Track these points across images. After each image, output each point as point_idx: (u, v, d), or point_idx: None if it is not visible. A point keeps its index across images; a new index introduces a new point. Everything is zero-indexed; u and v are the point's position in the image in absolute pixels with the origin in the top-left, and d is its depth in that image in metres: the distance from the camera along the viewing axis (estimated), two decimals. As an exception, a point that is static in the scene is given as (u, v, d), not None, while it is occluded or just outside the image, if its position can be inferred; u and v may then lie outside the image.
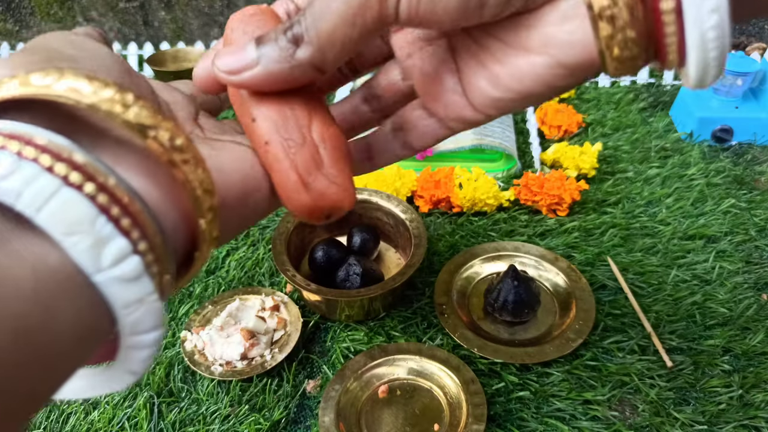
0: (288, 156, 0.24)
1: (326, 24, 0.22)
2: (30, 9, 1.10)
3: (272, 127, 0.24)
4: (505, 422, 0.45)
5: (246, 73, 0.23)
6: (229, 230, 0.24)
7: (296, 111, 0.25)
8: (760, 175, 0.70)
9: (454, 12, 0.21)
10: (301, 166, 0.24)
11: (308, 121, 0.25)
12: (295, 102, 0.25)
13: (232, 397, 0.47)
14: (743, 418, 0.44)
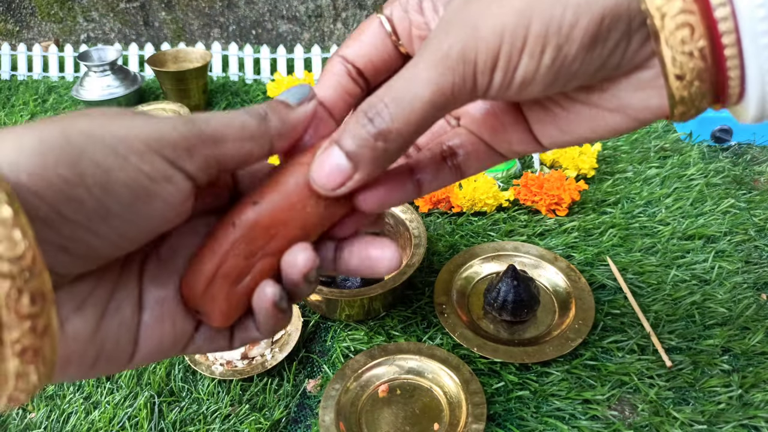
0: (229, 252, 0.25)
1: (414, 115, 0.23)
2: (30, 9, 1.11)
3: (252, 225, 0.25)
4: (505, 421, 0.45)
5: (349, 183, 0.24)
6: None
7: (276, 240, 0.25)
8: (759, 175, 0.70)
9: (541, 88, 0.23)
10: (226, 267, 0.25)
11: (273, 251, 0.25)
12: (279, 227, 0.25)
13: (233, 397, 0.48)
14: (742, 418, 0.44)
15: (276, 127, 0.26)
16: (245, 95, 0.95)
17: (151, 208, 0.22)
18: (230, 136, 0.24)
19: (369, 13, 1.03)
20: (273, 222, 0.25)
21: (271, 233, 0.25)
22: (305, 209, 0.25)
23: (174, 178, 0.22)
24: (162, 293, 0.26)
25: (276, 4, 1.04)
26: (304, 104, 0.27)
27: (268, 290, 0.25)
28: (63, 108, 0.94)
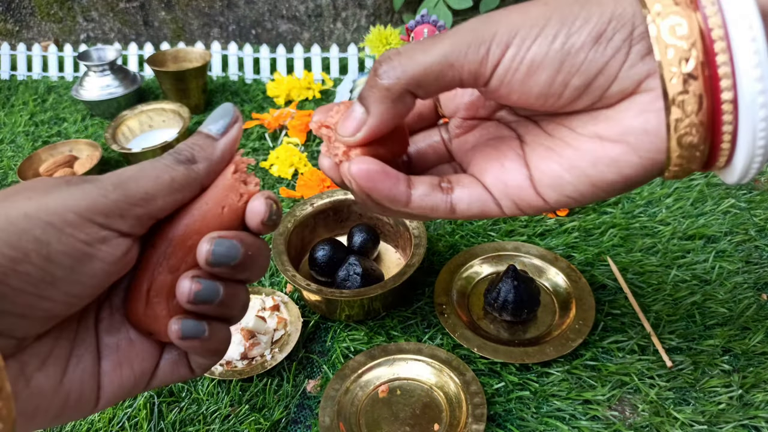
0: (153, 271, 0.26)
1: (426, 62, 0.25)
2: (30, 9, 1.10)
3: (168, 241, 0.26)
4: (505, 422, 0.45)
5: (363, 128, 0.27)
6: None
7: (194, 251, 0.26)
8: (759, 175, 0.70)
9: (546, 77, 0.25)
10: (156, 286, 0.26)
11: (196, 261, 0.26)
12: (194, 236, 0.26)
13: (233, 397, 0.47)
14: (743, 418, 0.44)
15: (204, 168, 0.27)
16: (245, 95, 0.95)
17: (93, 268, 0.24)
18: (161, 192, 0.25)
19: (369, 13, 1.02)
20: (187, 233, 0.26)
21: (189, 245, 0.26)
22: (215, 217, 0.27)
23: (109, 240, 0.24)
24: (117, 340, 0.27)
25: (276, 4, 1.04)
26: (228, 132, 0.28)
27: (184, 284, 0.26)
28: (62, 108, 0.94)
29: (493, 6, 0.90)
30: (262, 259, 0.28)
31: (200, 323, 0.26)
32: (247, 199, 0.27)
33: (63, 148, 0.78)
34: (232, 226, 0.27)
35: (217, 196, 0.27)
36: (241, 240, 0.26)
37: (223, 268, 0.26)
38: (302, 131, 0.80)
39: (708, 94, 0.23)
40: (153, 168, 0.26)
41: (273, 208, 0.27)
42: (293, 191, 0.70)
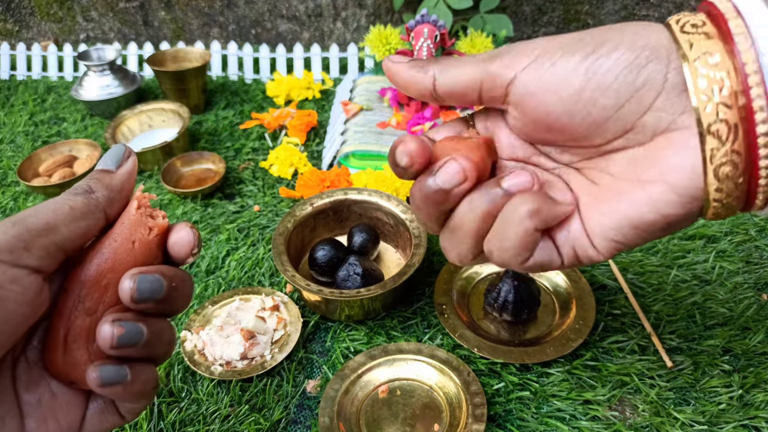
0: (70, 316, 0.26)
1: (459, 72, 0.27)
2: (30, 9, 1.10)
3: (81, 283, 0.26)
4: (505, 422, 0.45)
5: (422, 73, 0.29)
6: None
7: (111, 288, 0.26)
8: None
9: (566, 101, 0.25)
10: (73, 331, 0.26)
11: (114, 300, 0.26)
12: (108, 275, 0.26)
13: (232, 397, 0.47)
14: (743, 418, 0.44)
15: (104, 195, 0.27)
16: (245, 95, 0.95)
17: (6, 312, 0.23)
18: (62, 221, 0.25)
19: (369, 13, 1.02)
20: (100, 273, 0.26)
21: (104, 284, 0.26)
22: (126, 252, 0.26)
23: (20, 278, 0.23)
24: (38, 396, 0.26)
25: (275, 4, 1.04)
26: (123, 165, 0.28)
27: (105, 329, 0.25)
28: (62, 107, 0.94)
29: (493, 6, 0.90)
30: (187, 290, 0.28)
31: (121, 367, 0.25)
32: (158, 233, 0.27)
33: (63, 148, 0.78)
34: (146, 261, 0.27)
35: (124, 232, 0.26)
36: (163, 273, 0.26)
37: (149, 303, 0.25)
38: (302, 131, 0.80)
39: (743, 123, 0.23)
40: (50, 202, 0.26)
41: (198, 237, 0.28)
42: (293, 191, 0.70)
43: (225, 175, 0.73)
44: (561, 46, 0.25)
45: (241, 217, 0.68)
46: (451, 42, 0.72)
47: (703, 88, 0.23)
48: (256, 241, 0.64)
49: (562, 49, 0.25)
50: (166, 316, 0.28)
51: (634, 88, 0.24)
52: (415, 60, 0.29)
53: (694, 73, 0.23)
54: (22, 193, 0.74)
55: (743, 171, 0.23)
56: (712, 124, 0.23)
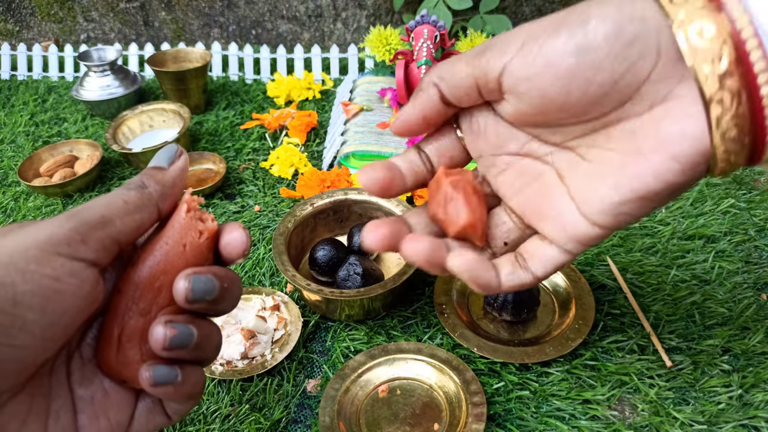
0: (124, 316, 0.26)
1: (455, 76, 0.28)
2: (30, 9, 1.11)
3: (135, 285, 0.26)
4: (505, 422, 0.45)
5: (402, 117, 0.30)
6: None
7: (164, 290, 0.26)
8: (759, 175, 0.70)
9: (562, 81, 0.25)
10: (128, 331, 0.26)
11: (166, 301, 0.26)
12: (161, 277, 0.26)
13: (233, 397, 0.47)
14: (743, 418, 0.44)
15: (157, 190, 0.27)
16: (245, 95, 0.95)
17: (64, 304, 0.23)
18: (116, 214, 0.25)
19: (369, 13, 1.03)
20: (153, 275, 0.26)
21: (157, 286, 0.26)
22: (178, 255, 0.27)
23: (78, 271, 0.23)
24: (91, 392, 0.27)
25: (276, 4, 1.04)
26: (175, 162, 0.29)
27: (158, 330, 0.25)
28: (63, 108, 0.94)
29: (492, 6, 0.90)
30: (236, 291, 0.28)
31: (173, 368, 0.26)
32: (209, 236, 0.27)
33: (63, 148, 0.78)
34: (197, 263, 0.27)
35: (175, 235, 0.27)
36: (215, 274, 0.26)
37: (202, 303, 0.26)
38: (302, 131, 0.80)
39: (746, 88, 0.23)
40: (104, 197, 0.26)
41: (250, 237, 0.28)
42: (293, 191, 0.70)
43: (225, 175, 0.73)
44: (545, 29, 0.25)
45: (242, 217, 0.68)
46: (451, 42, 0.72)
47: (701, 59, 0.23)
48: (257, 241, 0.64)
49: (547, 32, 0.25)
50: (215, 316, 0.28)
51: (629, 62, 0.24)
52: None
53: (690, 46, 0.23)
54: (22, 193, 0.75)
55: (749, 131, 0.23)
56: (715, 93, 0.23)
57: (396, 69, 0.71)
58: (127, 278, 0.26)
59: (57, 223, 0.24)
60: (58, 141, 0.83)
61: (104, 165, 0.78)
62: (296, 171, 0.74)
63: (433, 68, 0.29)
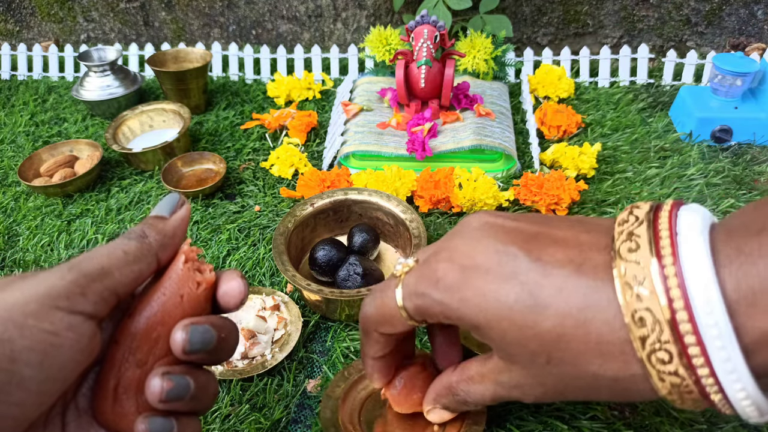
0: (120, 367, 0.26)
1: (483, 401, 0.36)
2: (31, 9, 1.11)
3: (132, 336, 0.26)
4: (505, 422, 0.45)
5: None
6: None
7: (161, 341, 0.26)
8: (759, 175, 0.70)
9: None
10: (124, 382, 0.26)
11: (163, 352, 0.26)
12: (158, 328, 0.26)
13: (233, 397, 0.48)
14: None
15: (157, 240, 0.27)
16: (245, 95, 0.95)
17: (62, 359, 0.23)
18: (116, 265, 0.25)
19: (369, 13, 1.03)
20: (150, 326, 0.26)
21: (154, 337, 0.26)
22: (175, 306, 0.26)
23: (76, 325, 0.23)
24: None
25: (276, 4, 1.04)
26: (177, 212, 0.29)
27: (155, 382, 0.25)
28: (63, 108, 0.94)
29: (492, 6, 0.90)
30: (233, 340, 0.28)
31: (169, 420, 0.26)
32: (207, 286, 0.27)
33: (63, 148, 0.78)
34: (194, 314, 0.27)
35: (173, 286, 0.27)
36: (213, 324, 0.26)
37: (200, 354, 0.26)
38: (302, 131, 0.81)
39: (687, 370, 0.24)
40: (104, 247, 0.26)
41: (247, 286, 0.28)
42: (293, 191, 0.70)
43: (226, 176, 0.73)
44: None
45: (242, 217, 0.68)
46: (451, 43, 0.72)
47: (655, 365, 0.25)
48: (257, 241, 0.64)
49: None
50: (212, 365, 0.29)
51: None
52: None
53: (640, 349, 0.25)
54: (22, 193, 0.75)
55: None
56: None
57: (396, 69, 0.71)
58: (124, 329, 0.26)
59: (58, 275, 0.24)
60: (58, 141, 0.83)
61: (104, 165, 0.78)
62: (296, 171, 0.74)
63: None
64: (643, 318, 0.24)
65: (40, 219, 0.70)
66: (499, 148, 0.70)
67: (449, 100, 0.74)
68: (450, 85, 0.72)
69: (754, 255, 0.23)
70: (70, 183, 0.72)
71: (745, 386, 0.23)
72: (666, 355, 0.24)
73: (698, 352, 0.23)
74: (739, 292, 0.23)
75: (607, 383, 0.26)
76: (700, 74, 0.91)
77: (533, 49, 0.97)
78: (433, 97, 0.75)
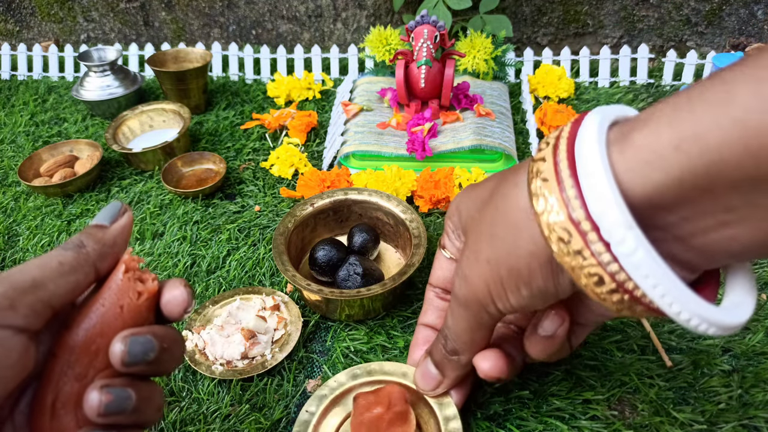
0: (58, 381, 0.25)
1: (466, 337, 0.34)
2: (31, 9, 1.11)
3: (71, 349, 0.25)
4: (505, 421, 0.45)
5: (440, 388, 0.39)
6: None
7: (101, 353, 0.26)
8: (759, 175, 0.70)
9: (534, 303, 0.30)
10: (62, 397, 0.25)
11: (104, 365, 0.26)
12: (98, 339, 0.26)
13: (233, 397, 0.48)
14: (743, 418, 0.44)
15: (96, 250, 0.27)
16: (245, 95, 0.95)
17: None
18: (50, 276, 0.25)
19: (369, 13, 1.03)
20: (89, 338, 0.25)
21: (93, 349, 0.25)
22: (115, 317, 0.26)
23: (4, 339, 0.23)
24: None
25: (276, 4, 1.04)
26: (118, 220, 0.28)
27: (92, 396, 0.24)
28: (63, 108, 0.94)
29: (492, 6, 0.90)
30: (178, 350, 0.27)
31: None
32: (148, 296, 0.27)
33: (63, 148, 0.78)
34: (135, 324, 0.26)
35: (112, 297, 0.26)
36: (154, 334, 0.26)
37: (140, 366, 0.25)
38: (302, 131, 0.80)
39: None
40: (38, 258, 0.25)
41: (192, 294, 0.27)
42: (293, 191, 0.70)
43: (226, 175, 0.73)
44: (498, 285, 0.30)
45: (242, 217, 0.68)
46: (451, 43, 0.72)
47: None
48: (257, 241, 0.64)
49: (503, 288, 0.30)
50: (157, 376, 0.27)
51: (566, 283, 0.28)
52: None
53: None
54: (22, 193, 0.75)
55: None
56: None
57: (396, 69, 0.71)
58: (62, 342, 0.26)
59: None
60: (58, 141, 0.83)
61: (104, 165, 0.78)
62: (296, 171, 0.74)
63: None
64: (551, 224, 0.25)
65: (40, 219, 0.70)
66: (499, 148, 0.70)
67: (449, 100, 0.74)
68: (450, 85, 0.72)
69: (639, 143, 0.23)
70: (70, 183, 0.72)
71: (649, 270, 0.23)
72: (566, 234, 0.25)
73: (596, 238, 0.24)
74: (627, 164, 0.23)
75: (534, 262, 0.28)
76: (700, 74, 0.91)
77: (533, 49, 0.97)
78: (433, 97, 0.75)
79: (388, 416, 0.38)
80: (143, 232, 0.66)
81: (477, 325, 0.33)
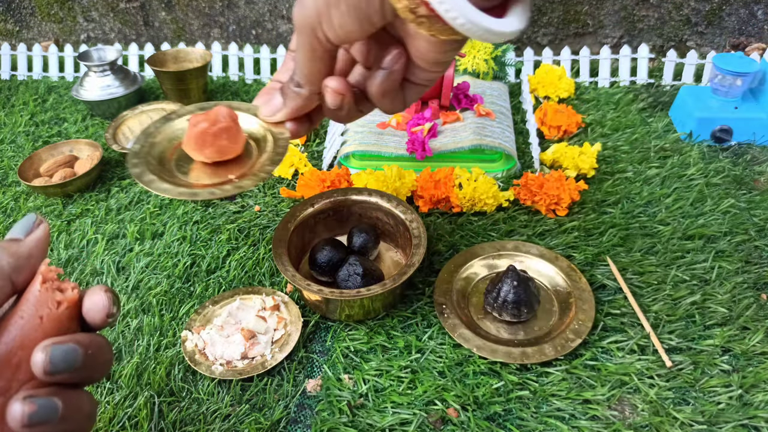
0: None
1: (304, 67, 0.36)
2: (30, 9, 1.11)
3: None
4: (505, 422, 0.45)
5: (279, 114, 0.40)
6: None
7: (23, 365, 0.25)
8: (759, 175, 0.70)
9: (356, 27, 0.31)
10: None
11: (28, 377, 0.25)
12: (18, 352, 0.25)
13: (233, 397, 0.47)
14: (742, 418, 0.44)
15: (10, 263, 0.26)
16: (245, 95, 0.95)
17: None
18: None
19: (369, 13, 1.03)
20: (11, 351, 0.25)
21: (15, 362, 0.25)
22: (34, 329, 0.26)
23: None
24: None
25: (276, 4, 1.04)
26: (32, 233, 0.28)
27: (15, 408, 0.24)
28: (63, 108, 0.94)
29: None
30: (105, 355, 0.27)
31: None
32: (69, 305, 0.27)
33: (63, 148, 0.78)
34: (57, 334, 0.26)
35: (30, 309, 0.26)
36: (78, 341, 0.25)
37: (64, 374, 0.24)
38: (302, 131, 0.80)
39: None
40: None
41: (114, 300, 0.27)
42: (293, 191, 0.70)
43: (225, 176, 0.73)
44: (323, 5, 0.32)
45: (242, 217, 0.68)
46: (451, 42, 0.72)
47: None
48: (257, 241, 0.64)
49: (328, 7, 0.32)
50: (87, 384, 0.27)
51: (378, 5, 0.30)
52: None
53: None
54: (22, 193, 0.75)
55: None
56: None
57: (396, 69, 0.71)
58: None
59: None
60: (58, 141, 0.83)
61: (104, 165, 0.78)
62: (296, 171, 0.74)
63: None
64: None
65: (40, 219, 0.69)
66: (499, 148, 0.70)
67: (449, 100, 0.74)
68: (450, 85, 0.72)
69: None
70: (70, 183, 0.72)
71: None
72: None
73: None
74: None
75: None
76: (700, 74, 0.91)
77: (533, 49, 0.97)
78: (433, 97, 0.75)
79: (213, 130, 0.40)
80: (143, 232, 0.66)
81: (311, 53, 0.34)
